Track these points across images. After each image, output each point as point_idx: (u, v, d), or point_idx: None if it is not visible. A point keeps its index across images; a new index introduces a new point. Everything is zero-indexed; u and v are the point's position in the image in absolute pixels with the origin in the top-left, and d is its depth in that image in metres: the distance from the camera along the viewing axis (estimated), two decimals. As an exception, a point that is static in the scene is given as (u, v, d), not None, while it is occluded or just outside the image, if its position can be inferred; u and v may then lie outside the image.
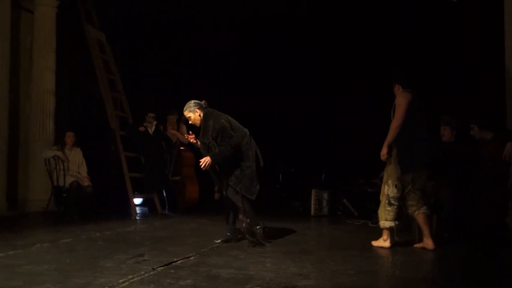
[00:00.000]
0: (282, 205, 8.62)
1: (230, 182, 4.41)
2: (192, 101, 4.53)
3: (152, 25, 9.33)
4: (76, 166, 6.83)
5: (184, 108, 4.53)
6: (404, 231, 5.56)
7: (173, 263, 3.58)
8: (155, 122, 7.67)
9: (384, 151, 4.46)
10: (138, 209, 7.48)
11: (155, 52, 9.40)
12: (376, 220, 6.62)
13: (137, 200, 8.25)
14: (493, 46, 6.72)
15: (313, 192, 7.54)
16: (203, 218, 6.70)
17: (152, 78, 8.88)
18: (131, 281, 3.04)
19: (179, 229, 5.64)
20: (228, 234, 4.63)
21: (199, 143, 4.49)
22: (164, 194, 7.87)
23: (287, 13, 8.77)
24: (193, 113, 4.49)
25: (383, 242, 4.48)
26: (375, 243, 4.57)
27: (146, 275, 3.21)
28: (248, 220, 4.42)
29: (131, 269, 3.36)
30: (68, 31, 7.98)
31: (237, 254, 4.02)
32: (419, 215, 4.40)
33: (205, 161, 4.31)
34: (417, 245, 4.52)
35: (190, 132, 4.57)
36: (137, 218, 6.78)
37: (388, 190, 4.42)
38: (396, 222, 4.41)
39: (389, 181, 4.43)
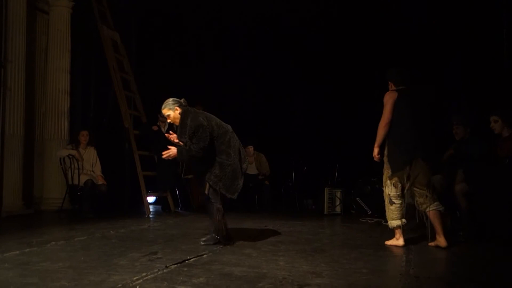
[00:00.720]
0: (294, 203, 8.61)
1: (209, 181, 4.23)
2: (171, 99, 4.39)
3: (166, 25, 9.38)
4: (90, 165, 6.90)
5: (163, 106, 4.39)
6: (418, 230, 5.53)
7: (186, 261, 3.60)
8: (168, 121, 7.70)
9: (375, 152, 4.49)
10: (151, 207, 7.54)
11: (169, 52, 9.44)
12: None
13: (151, 199, 8.31)
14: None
15: (326, 190, 7.52)
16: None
17: (165, 77, 8.92)
18: (144, 278, 3.06)
19: (192, 227, 5.66)
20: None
21: (180, 142, 4.36)
22: (177, 193, 7.91)
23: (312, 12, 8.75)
24: (172, 111, 4.35)
25: (396, 241, 4.47)
26: (388, 242, 4.55)
27: (159, 272, 3.23)
28: (225, 221, 4.32)
29: (144, 267, 3.38)
30: (82, 31, 8.07)
31: (250, 252, 4.03)
32: (430, 212, 4.35)
33: (168, 152, 4.21)
34: (430, 244, 4.47)
35: (171, 132, 4.47)
36: (151, 216, 6.83)
37: (388, 189, 4.43)
38: (404, 220, 4.40)
39: (388, 181, 4.43)
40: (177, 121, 4.36)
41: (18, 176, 6.72)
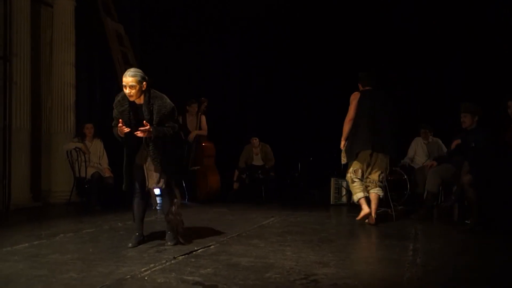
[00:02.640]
0: (301, 194, 8.61)
1: (167, 172, 3.84)
2: (139, 70, 3.82)
3: (171, 16, 9.35)
4: (97, 158, 6.93)
5: (129, 73, 3.74)
6: (426, 220, 5.53)
7: (194, 252, 3.62)
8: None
9: (341, 144, 5.36)
10: (158, 199, 7.56)
11: (173, 43, 9.42)
12: (397, 208, 6.62)
13: (157, 191, 8.32)
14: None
15: (332, 180, 7.51)
16: (222, 207, 6.74)
17: (170, 69, 8.92)
18: (152, 269, 3.08)
19: (198, 218, 5.69)
20: (138, 233, 4.00)
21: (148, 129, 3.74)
22: (183, 184, 7.93)
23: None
24: (139, 84, 3.72)
25: (363, 212, 5.10)
26: (359, 217, 5.16)
27: (167, 263, 3.25)
28: (180, 214, 3.99)
29: (152, 258, 3.41)
30: (86, 24, 8.05)
31: (256, 243, 4.04)
32: (372, 193, 5.16)
33: (146, 128, 3.68)
34: (359, 217, 5.14)
35: (144, 122, 3.75)
36: (158, 208, 6.85)
37: (350, 174, 5.26)
38: (366, 193, 5.15)
39: (350, 169, 5.27)
40: (135, 97, 3.75)
41: (26, 169, 6.76)
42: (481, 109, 5.43)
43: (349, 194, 7.57)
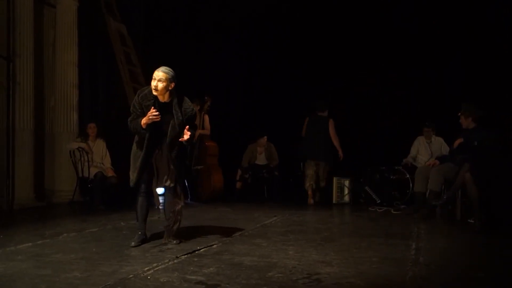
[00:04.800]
0: (303, 193, 8.60)
1: (180, 174, 3.93)
2: (172, 70, 3.83)
3: (174, 16, 9.36)
4: (100, 158, 6.95)
5: (162, 69, 3.79)
6: (428, 219, 5.52)
7: (197, 251, 3.63)
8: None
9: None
10: (161, 199, 7.56)
11: (176, 43, 9.43)
12: (398, 207, 6.62)
13: (160, 190, 8.33)
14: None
15: (335, 179, 7.50)
16: (225, 207, 6.75)
17: (173, 69, 8.91)
18: (155, 269, 3.09)
19: (201, 218, 5.70)
20: (140, 233, 4.02)
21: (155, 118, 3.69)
22: (187, 184, 7.93)
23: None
24: (168, 82, 3.75)
25: (310, 198, 7.32)
26: (310, 202, 7.28)
27: (170, 263, 3.26)
28: (181, 214, 4.06)
29: (155, 258, 3.42)
30: (89, 24, 8.07)
31: (259, 242, 4.05)
32: (310, 189, 7.33)
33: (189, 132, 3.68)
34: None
35: (187, 127, 3.76)
36: (160, 207, 6.84)
37: (306, 172, 7.46)
38: (312, 184, 7.37)
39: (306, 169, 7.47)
40: (161, 93, 3.77)
41: (29, 169, 6.78)
42: (474, 110, 5.40)
43: (352, 193, 7.60)
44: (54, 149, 7.48)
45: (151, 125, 3.75)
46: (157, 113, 3.68)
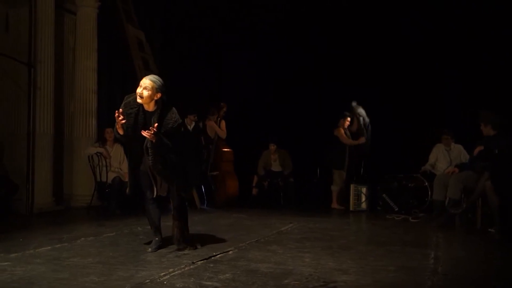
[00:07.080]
0: (320, 200, 8.55)
1: (178, 184, 3.90)
2: (161, 80, 3.80)
3: (192, 23, 9.43)
4: (117, 163, 7.01)
5: (149, 77, 3.79)
6: (447, 228, 5.44)
7: (212, 257, 3.63)
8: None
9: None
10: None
11: (194, 50, 9.50)
12: (416, 215, 6.54)
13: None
14: None
15: (352, 187, 7.45)
16: (240, 213, 6.74)
17: (191, 75, 8.99)
18: (171, 274, 3.10)
19: (217, 224, 5.70)
20: (157, 238, 4.01)
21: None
22: (203, 189, 7.97)
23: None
24: (153, 91, 3.70)
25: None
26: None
27: (186, 268, 3.27)
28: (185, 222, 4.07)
29: (171, 263, 3.43)
30: (108, 30, 8.18)
31: (275, 249, 4.03)
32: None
33: (153, 129, 3.58)
34: None
35: (155, 125, 3.67)
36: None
37: None
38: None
39: None
40: (146, 102, 3.73)
41: (48, 173, 6.88)
42: (493, 117, 5.33)
43: (369, 200, 7.53)
44: (73, 154, 7.58)
45: (135, 134, 3.73)
46: (121, 117, 3.65)
